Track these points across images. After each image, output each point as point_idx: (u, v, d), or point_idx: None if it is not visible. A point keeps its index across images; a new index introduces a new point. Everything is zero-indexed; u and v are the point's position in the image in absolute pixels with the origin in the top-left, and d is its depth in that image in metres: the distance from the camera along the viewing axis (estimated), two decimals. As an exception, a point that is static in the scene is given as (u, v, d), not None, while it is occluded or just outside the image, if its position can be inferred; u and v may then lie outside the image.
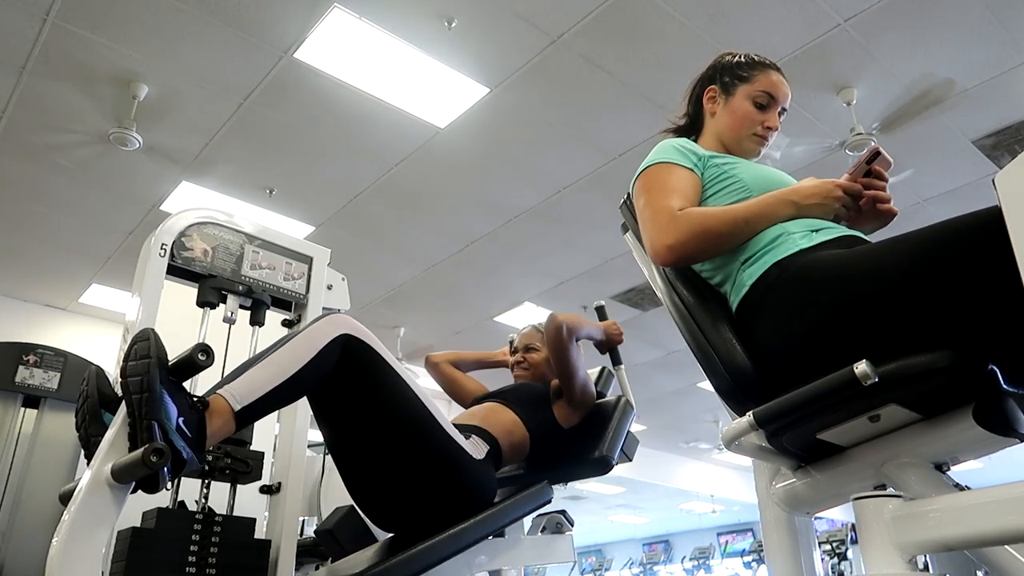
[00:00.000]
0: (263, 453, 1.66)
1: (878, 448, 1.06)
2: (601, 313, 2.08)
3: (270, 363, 1.24)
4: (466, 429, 1.65)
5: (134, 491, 1.08)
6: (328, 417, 1.48)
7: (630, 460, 1.88)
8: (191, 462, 1.08)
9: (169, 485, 1.21)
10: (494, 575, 1.74)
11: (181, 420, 1.08)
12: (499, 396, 1.91)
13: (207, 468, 1.55)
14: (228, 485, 1.65)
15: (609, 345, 2.03)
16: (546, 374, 2.02)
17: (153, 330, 1.14)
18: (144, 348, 1.10)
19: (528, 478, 1.88)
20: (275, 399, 1.23)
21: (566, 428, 1.83)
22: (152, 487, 1.05)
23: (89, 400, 1.17)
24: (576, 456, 1.81)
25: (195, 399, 1.14)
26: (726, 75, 1.48)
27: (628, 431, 1.88)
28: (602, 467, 1.77)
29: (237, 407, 1.17)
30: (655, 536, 15.25)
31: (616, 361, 2.05)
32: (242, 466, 1.57)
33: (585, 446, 1.81)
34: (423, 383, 1.52)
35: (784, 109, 1.47)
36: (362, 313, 5.85)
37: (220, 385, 1.21)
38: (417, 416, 1.43)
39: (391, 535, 1.65)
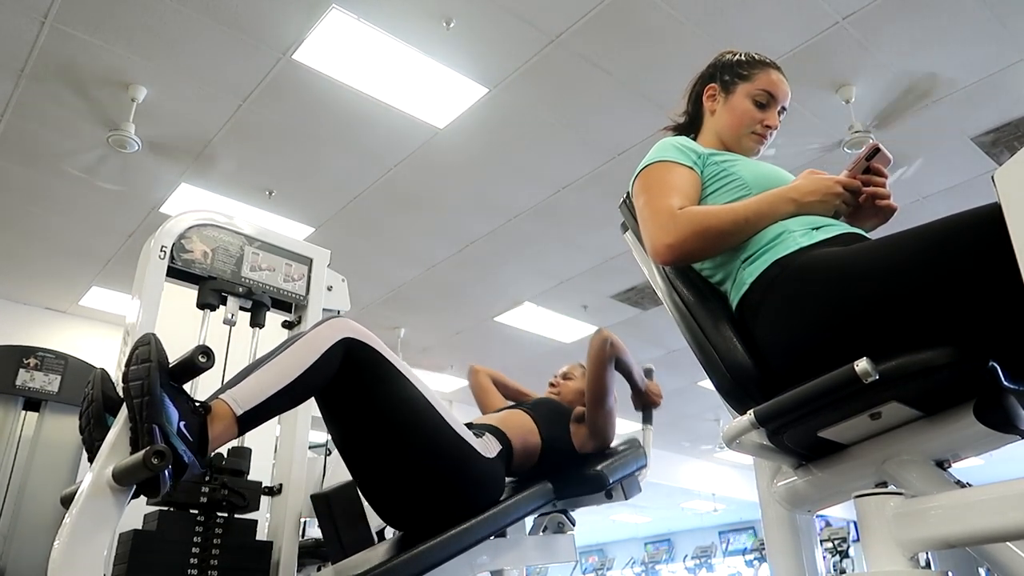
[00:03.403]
0: (260, 483, 1.66)
1: (879, 445, 1.06)
2: (649, 375, 2.09)
3: (272, 368, 1.24)
4: (481, 428, 1.66)
5: (135, 496, 1.08)
6: (336, 418, 1.49)
7: (626, 498, 1.88)
8: (192, 466, 1.08)
9: None
10: (496, 575, 1.74)
11: (182, 424, 1.08)
12: (521, 405, 1.96)
13: (204, 500, 1.54)
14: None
15: (645, 401, 2.03)
16: (573, 403, 2.03)
17: (154, 334, 1.13)
18: (145, 352, 1.10)
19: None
20: (277, 403, 1.23)
21: (577, 451, 1.84)
22: (154, 491, 1.05)
23: (93, 405, 1.16)
24: (576, 472, 1.81)
25: (197, 404, 1.14)
26: (726, 73, 1.48)
27: (633, 473, 1.88)
28: (597, 483, 1.77)
29: (239, 412, 1.17)
30: (657, 535, 15.24)
31: (647, 420, 2.07)
32: (239, 499, 1.56)
33: (587, 467, 1.81)
34: (429, 383, 1.52)
35: (784, 108, 1.47)
36: (362, 314, 5.85)
37: (223, 390, 1.21)
38: (423, 415, 1.44)
39: (392, 528, 1.66)
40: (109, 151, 3.93)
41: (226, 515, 1.57)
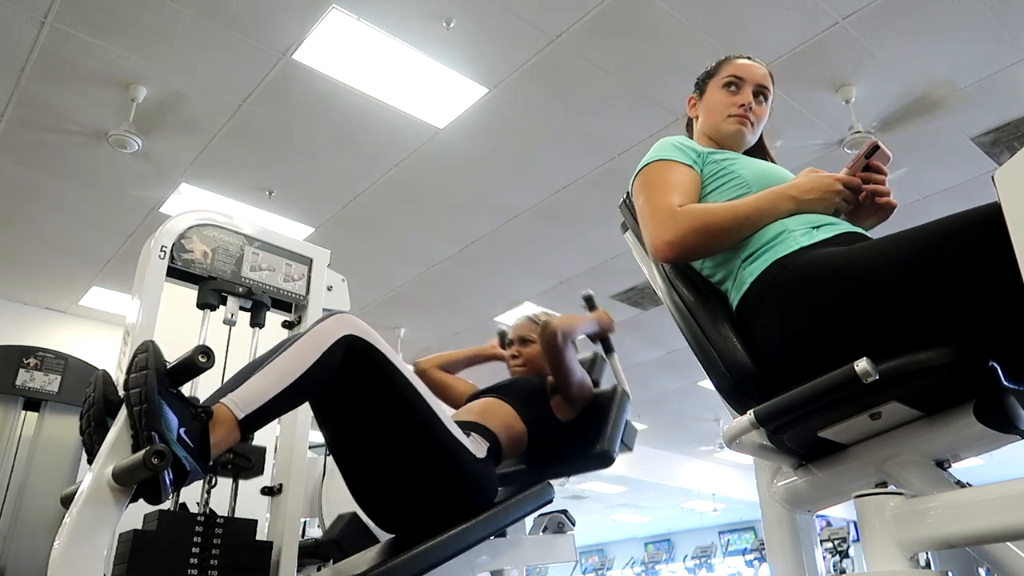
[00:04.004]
0: (265, 448, 1.66)
1: (879, 445, 1.06)
2: (590, 303, 2.06)
3: (273, 368, 1.22)
4: (465, 426, 1.65)
5: (134, 499, 1.08)
6: (330, 418, 1.47)
7: (630, 450, 1.88)
8: (195, 472, 1.07)
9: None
10: (496, 575, 1.74)
11: (182, 430, 1.07)
12: (495, 391, 1.91)
13: (210, 463, 1.54)
14: (230, 486, 1.65)
15: (602, 335, 2.01)
16: (542, 367, 1.99)
17: (153, 341, 1.12)
18: (143, 360, 1.09)
19: (529, 475, 1.88)
20: (280, 404, 1.21)
21: (563, 422, 1.83)
22: (155, 497, 1.05)
23: (94, 408, 1.15)
24: (576, 450, 1.82)
25: (198, 409, 1.13)
26: (700, 81, 1.56)
27: (627, 421, 1.88)
28: (603, 461, 1.78)
29: (241, 415, 1.15)
30: (657, 535, 15.25)
31: (608, 349, 2.04)
32: (244, 462, 1.56)
33: (584, 440, 1.81)
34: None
35: (762, 87, 1.48)
36: (362, 314, 5.83)
37: (223, 392, 1.19)
38: (420, 417, 1.43)
39: (393, 536, 1.65)
40: (109, 151, 3.93)
41: (226, 515, 1.57)
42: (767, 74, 1.50)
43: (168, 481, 1.04)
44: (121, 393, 1.10)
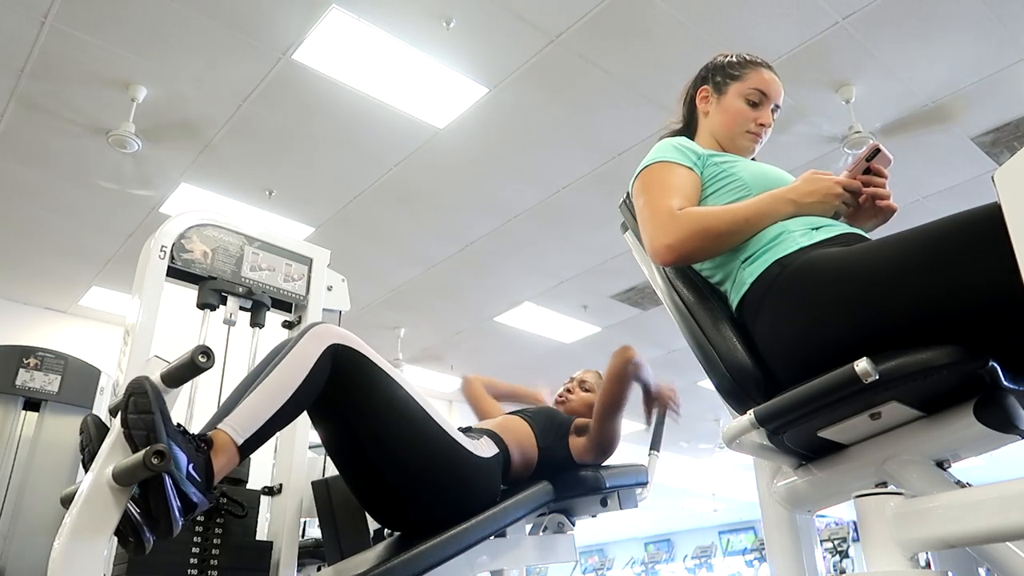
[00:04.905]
0: (259, 492, 1.65)
1: (879, 445, 1.06)
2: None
3: (266, 389, 1.23)
4: (479, 432, 1.67)
5: (152, 534, 1.09)
6: (325, 423, 1.49)
7: (621, 508, 1.88)
8: (201, 503, 1.10)
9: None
10: (496, 575, 1.74)
11: (191, 467, 1.09)
12: (521, 412, 1.94)
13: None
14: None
15: (657, 399, 1.90)
16: (579, 413, 2.01)
17: (147, 378, 1.09)
18: (144, 404, 1.06)
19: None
20: (276, 424, 1.23)
21: (575, 460, 1.82)
22: (168, 532, 1.06)
23: (92, 444, 1.13)
24: (572, 474, 1.81)
25: (200, 441, 1.14)
26: (718, 75, 1.49)
27: (632, 487, 1.87)
28: (593, 485, 1.78)
29: (240, 440, 1.17)
30: (657, 535, 15.25)
31: (655, 446, 2.02)
32: (237, 508, 1.54)
33: (585, 470, 1.81)
34: (430, 383, 1.52)
35: (777, 106, 1.47)
36: (362, 314, 5.85)
37: (219, 417, 1.20)
38: (412, 415, 1.44)
39: (388, 528, 1.66)
40: (109, 151, 3.93)
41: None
42: (782, 90, 1.47)
43: (178, 514, 1.06)
44: (117, 428, 1.08)
